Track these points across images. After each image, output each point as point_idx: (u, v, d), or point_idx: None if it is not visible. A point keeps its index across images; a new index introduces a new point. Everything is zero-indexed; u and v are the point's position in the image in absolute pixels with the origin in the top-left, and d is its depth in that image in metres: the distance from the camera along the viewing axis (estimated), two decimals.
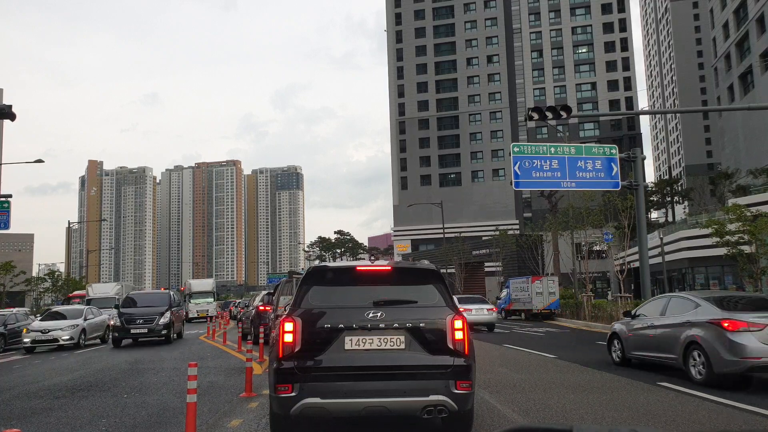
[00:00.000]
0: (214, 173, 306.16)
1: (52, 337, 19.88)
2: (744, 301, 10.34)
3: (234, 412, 7.60)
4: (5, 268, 52.93)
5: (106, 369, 13.39)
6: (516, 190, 59.95)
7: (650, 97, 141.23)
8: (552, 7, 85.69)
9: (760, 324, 8.57)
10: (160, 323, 20.23)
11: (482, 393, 8.30)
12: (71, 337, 20.14)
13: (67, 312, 22.08)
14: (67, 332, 20.11)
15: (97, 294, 37.96)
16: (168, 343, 20.33)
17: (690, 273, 42.42)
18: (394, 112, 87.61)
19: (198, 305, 44.38)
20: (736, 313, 9.06)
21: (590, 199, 34.48)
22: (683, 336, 9.49)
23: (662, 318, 10.46)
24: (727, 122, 60.96)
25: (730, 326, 8.72)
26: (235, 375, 11.27)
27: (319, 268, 5.94)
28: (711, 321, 9.05)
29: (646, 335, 10.79)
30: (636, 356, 11.14)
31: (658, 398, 8.15)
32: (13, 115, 17.56)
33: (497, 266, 53.40)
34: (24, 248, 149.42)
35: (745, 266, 21.30)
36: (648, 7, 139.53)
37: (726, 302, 9.71)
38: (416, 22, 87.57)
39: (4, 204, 26.11)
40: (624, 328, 11.69)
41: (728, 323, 8.77)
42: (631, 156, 21.41)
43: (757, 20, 50.34)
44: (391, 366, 5.19)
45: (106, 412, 7.93)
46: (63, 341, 19.86)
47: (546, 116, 17.57)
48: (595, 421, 6.84)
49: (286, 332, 5.27)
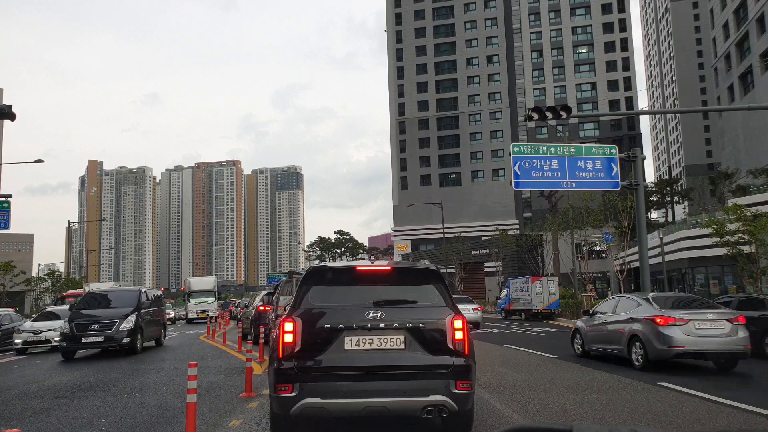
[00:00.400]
0: (214, 173, 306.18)
1: (44, 338, 18.88)
2: (677, 300, 12.20)
3: (234, 412, 7.60)
4: (5, 268, 52.92)
5: (106, 369, 13.39)
6: (516, 190, 59.98)
7: (650, 97, 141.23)
8: (552, 7, 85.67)
9: (685, 319, 10.58)
10: (121, 329, 16.11)
11: (482, 393, 8.30)
12: None
13: (61, 312, 20.31)
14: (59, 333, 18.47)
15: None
16: (133, 353, 16.32)
17: (690, 273, 42.40)
18: (394, 112, 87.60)
19: (198, 305, 42.59)
20: (668, 310, 10.97)
21: (590, 199, 34.50)
22: (627, 330, 11.47)
23: (613, 315, 12.32)
24: (727, 122, 60.95)
25: (662, 321, 10.71)
26: (235, 375, 11.27)
27: (319, 268, 5.94)
28: (647, 317, 11.01)
29: (600, 330, 12.63)
30: (593, 348, 12.91)
31: (658, 398, 8.15)
32: (13, 115, 17.55)
33: (497, 266, 53.41)
34: (24, 248, 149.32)
35: (745, 266, 21.33)
36: (648, 7, 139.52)
37: (661, 301, 11.53)
38: (416, 22, 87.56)
39: (4, 204, 26.09)
40: (584, 324, 13.47)
41: (660, 319, 10.75)
42: (631, 156, 21.40)
43: (757, 20, 50.33)
44: (391, 366, 5.19)
45: (106, 412, 7.93)
46: (56, 342, 18.27)
47: (546, 116, 17.56)
48: (595, 421, 6.84)
49: (286, 332, 5.27)
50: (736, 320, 10.82)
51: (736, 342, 10.50)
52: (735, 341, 10.51)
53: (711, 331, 10.57)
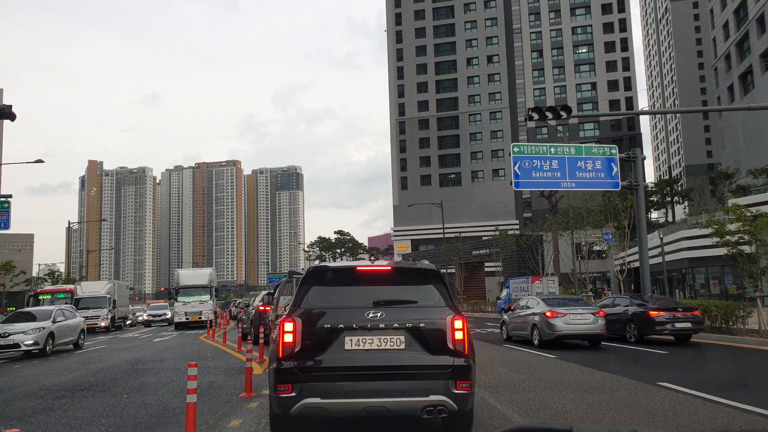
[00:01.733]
0: (214, 173, 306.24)
1: (12, 341, 17.16)
2: (561, 300, 18.16)
3: (234, 412, 7.60)
4: (5, 268, 52.82)
5: (106, 369, 13.39)
6: (516, 190, 59.95)
7: (650, 97, 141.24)
8: (552, 7, 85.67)
9: (564, 313, 15.80)
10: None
11: (482, 393, 8.30)
12: (36, 342, 17.47)
13: (39, 313, 19.40)
14: (30, 336, 17.46)
15: (86, 293, 35.52)
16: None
17: (690, 273, 42.42)
18: (394, 112, 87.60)
19: (187, 305, 32.53)
20: (555, 307, 16.23)
21: (590, 199, 34.50)
22: (530, 321, 16.62)
23: (524, 311, 17.55)
24: (727, 122, 60.95)
25: (550, 315, 15.93)
26: (235, 375, 11.27)
27: (319, 268, 5.94)
28: (542, 312, 16.24)
29: (517, 321, 17.71)
30: (514, 334, 17.88)
31: (658, 398, 8.15)
32: (13, 115, 17.56)
33: (497, 266, 53.39)
34: (24, 248, 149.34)
35: (745, 266, 21.30)
36: (648, 7, 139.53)
37: (550, 302, 17.01)
38: (416, 22, 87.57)
39: (4, 204, 26.12)
40: (507, 317, 18.76)
41: (549, 313, 15.98)
42: (631, 156, 21.41)
43: (757, 20, 50.33)
44: (391, 366, 5.19)
45: (106, 412, 7.93)
46: (26, 347, 17.20)
47: (546, 116, 17.57)
48: (595, 421, 6.84)
49: (286, 332, 5.27)
50: (597, 313, 16.07)
51: (596, 327, 15.73)
52: (595, 327, 15.71)
53: (580, 320, 15.78)
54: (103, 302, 34.84)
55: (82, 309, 31.78)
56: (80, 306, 32.42)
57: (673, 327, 15.93)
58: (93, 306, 34.19)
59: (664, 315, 16.03)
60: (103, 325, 33.68)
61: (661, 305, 16.74)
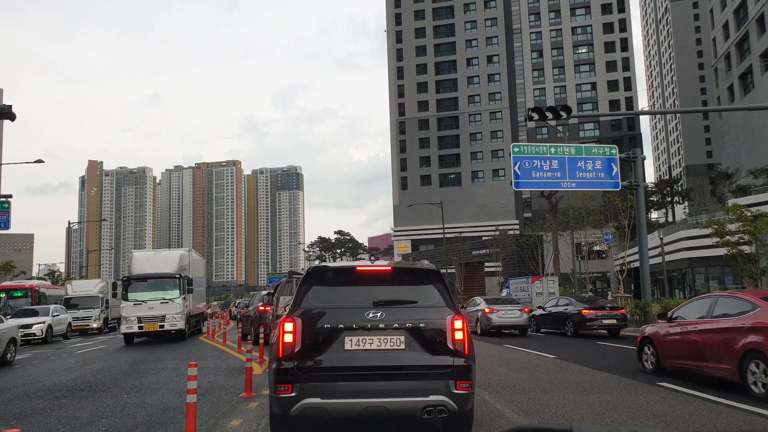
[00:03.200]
0: (214, 173, 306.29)
1: None
2: (497, 300, 23.56)
3: (234, 413, 7.60)
4: (5, 268, 52.92)
5: (106, 369, 13.39)
6: (516, 190, 59.96)
7: (650, 97, 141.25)
8: (552, 7, 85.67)
9: (498, 309, 21.00)
10: None
11: (482, 393, 8.30)
12: None
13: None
14: None
15: (77, 292, 33.65)
16: None
17: (690, 273, 42.44)
18: (394, 112, 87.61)
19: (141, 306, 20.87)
20: (494, 305, 21.44)
21: (590, 200, 34.50)
22: (476, 315, 21.39)
23: (473, 308, 22.47)
24: (727, 122, 60.96)
25: (488, 311, 21.07)
26: (235, 375, 11.27)
27: (319, 268, 5.94)
28: (483, 309, 21.37)
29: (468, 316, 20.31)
30: None
31: (658, 398, 8.15)
32: (13, 115, 17.56)
33: (497, 266, 53.39)
34: (24, 248, 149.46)
35: (745, 266, 21.31)
36: (648, 7, 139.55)
37: (492, 301, 22.57)
38: (416, 22, 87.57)
39: (4, 204, 26.14)
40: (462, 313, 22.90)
41: (488, 309, 21.11)
42: (631, 156, 21.41)
43: (757, 20, 50.33)
44: (391, 366, 5.19)
45: (106, 412, 7.92)
46: None
47: (546, 116, 17.57)
48: (595, 421, 6.84)
49: (286, 332, 5.27)
50: (523, 310, 21.47)
51: (521, 321, 21.00)
52: (521, 320, 20.94)
53: (510, 315, 20.87)
54: (96, 302, 32.65)
55: (73, 309, 30.49)
56: (71, 306, 31.00)
57: (600, 323, 19.47)
58: (85, 306, 32.10)
59: (594, 313, 19.34)
60: (95, 326, 31.62)
61: (592, 305, 20.09)
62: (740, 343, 8.14)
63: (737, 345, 8.18)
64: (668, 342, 9.93)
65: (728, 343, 8.39)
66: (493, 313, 20.76)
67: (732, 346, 8.28)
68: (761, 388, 7.72)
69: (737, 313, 8.56)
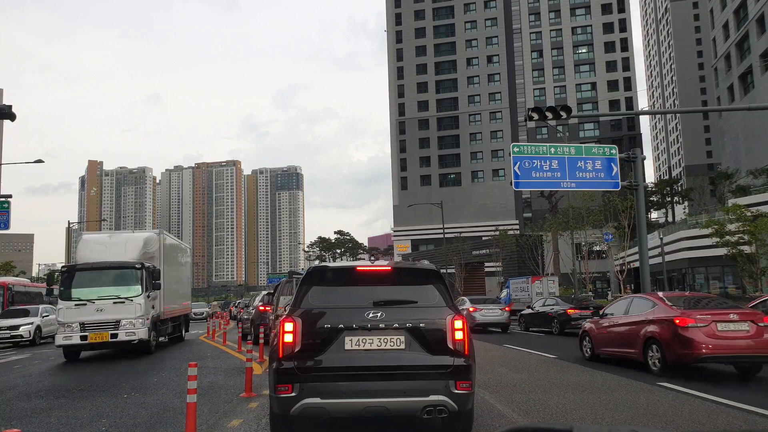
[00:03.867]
0: (214, 173, 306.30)
1: None
2: (483, 299, 25.98)
3: (234, 412, 7.60)
4: (5, 268, 52.94)
5: (106, 369, 13.39)
6: (516, 190, 59.98)
7: (650, 97, 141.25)
8: (552, 7, 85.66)
9: (482, 309, 22.90)
10: None
11: (482, 393, 8.30)
12: None
13: None
14: None
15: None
16: None
17: (690, 273, 42.42)
18: (394, 112, 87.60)
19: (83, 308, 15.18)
20: (477, 304, 23.37)
21: (590, 200, 34.51)
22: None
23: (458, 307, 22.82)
24: (727, 122, 60.96)
25: (472, 310, 22.71)
26: (235, 375, 11.27)
27: (319, 268, 5.94)
28: (467, 308, 22.67)
29: None
30: None
31: (658, 398, 8.16)
32: (13, 115, 17.55)
33: (497, 266, 53.41)
34: (24, 248, 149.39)
35: (745, 266, 21.34)
36: (648, 7, 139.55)
37: (475, 301, 24.46)
38: (416, 22, 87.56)
39: (4, 204, 26.12)
40: None
41: (472, 309, 22.84)
42: (631, 156, 21.40)
43: (757, 20, 50.34)
44: (391, 366, 5.19)
45: (106, 412, 7.92)
46: None
47: (546, 116, 17.56)
48: (595, 421, 6.84)
49: (286, 332, 5.27)
50: (504, 309, 23.21)
51: (502, 319, 22.82)
52: (502, 318, 22.77)
53: (492, 314, 22.84)
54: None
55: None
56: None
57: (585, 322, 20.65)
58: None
59: (579, 313, 20.28)
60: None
61: (577, 305, 21.32)
62: (643, 333, 10.62)
63: (641, 334, 10.66)
64: (600, 334, 12.37)
65: (637, 333, 10.86)
66: (476, 312, 22.65)
67: (639, 335, 10.75)
68: (657, 364, 10.23)
69: (643, 310, 11.06)
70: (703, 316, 9.75)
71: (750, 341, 9.52)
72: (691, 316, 9.82)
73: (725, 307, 10.34)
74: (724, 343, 9.51)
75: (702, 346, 9.47)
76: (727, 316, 9.77)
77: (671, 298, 10.88)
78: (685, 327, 9.70)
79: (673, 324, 9.87)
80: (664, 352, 9.97)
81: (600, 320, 12.50)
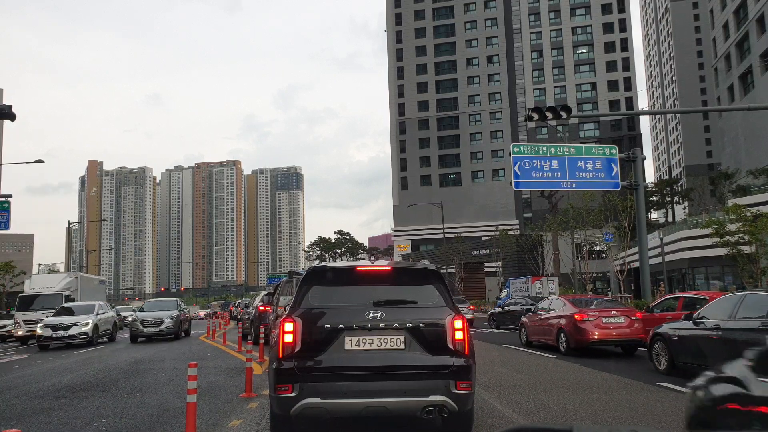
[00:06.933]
0: (214, 173, 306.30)
1: None
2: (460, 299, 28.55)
3: (234, 412, 7.60)
4: (5, 268, 52.76)
5: (106, 369, 13.39)
6: (516, 191, 59.96)
7: (650, 97, 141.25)
8: (552, 7, 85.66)
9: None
10: None
11: (482, 393, 8.30)
12: None
13: None
14: None
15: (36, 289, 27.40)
16: None
17: (690, 273, 42.40)
18: (394, 112, 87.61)
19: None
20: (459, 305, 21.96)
21: (590, 200, 34.50)
22: None
23: None
24: (727, 122, 60.96)
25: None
26: (235, 375, 11.27)
27: (319, 268, 5.94)
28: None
29: None
30: None
31: (658, 398, 8.16)
32: (13, 115, 17.57)
33: (497, 266, 53.39)
34: (24, 248, 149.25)
35: (745, 266, 21.35)
36: (648, 7, 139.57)
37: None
38: (416, 22, 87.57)
39: (4, 204, 26.12)
40: None
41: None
42: (631, 156, 21.41)
43: (757, 20, 50.34)
44: (391, 366, 5.19)
45: (106, 412, 7.93)
46: None
47: (546, 116, 17.57)
48: (595, 421, 6.84)
49: (286, 332, 5.27)
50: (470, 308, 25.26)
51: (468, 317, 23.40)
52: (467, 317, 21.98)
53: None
54: (58, 301, 25.38)
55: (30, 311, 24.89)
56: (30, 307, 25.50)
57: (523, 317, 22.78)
58: (44, 306, 25.09)
59: None
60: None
61: None
62: (556, 324, 14.44)
63: (555, 326, 14.46)
64: (531, 326, 16.15)
65: (553, 325, 14.62)
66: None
67: (553, 326, 14.56)
68: (563, 347, 13.94)
69: (557, 308, 14.94)
70: (593, 313, 13.50)
71: (626, 329, 13.32)
72: (585, 312, 13.55)
73: (610, 306, 14.27)
74: (607, 332, 13.28)
75: (593, 334, 13.24)
76: (610, 312, 13.56)
77: (573, 300, 14.99)
78: (581, 321, 13.45)
79: (574, 318, 13.59)
80: (568, 338, 13.73)
81: (532, 315, 16.41)
